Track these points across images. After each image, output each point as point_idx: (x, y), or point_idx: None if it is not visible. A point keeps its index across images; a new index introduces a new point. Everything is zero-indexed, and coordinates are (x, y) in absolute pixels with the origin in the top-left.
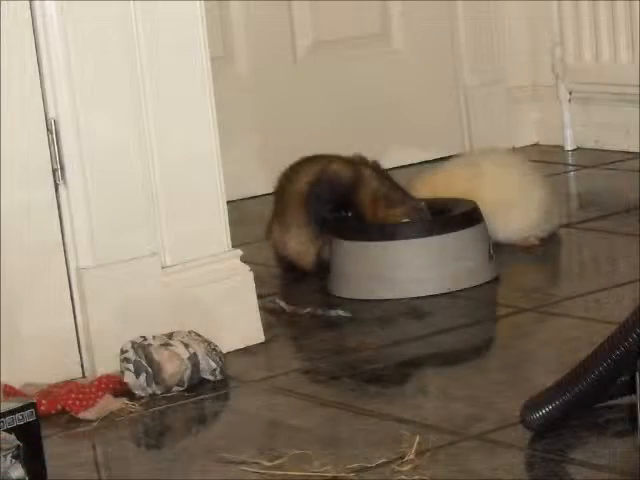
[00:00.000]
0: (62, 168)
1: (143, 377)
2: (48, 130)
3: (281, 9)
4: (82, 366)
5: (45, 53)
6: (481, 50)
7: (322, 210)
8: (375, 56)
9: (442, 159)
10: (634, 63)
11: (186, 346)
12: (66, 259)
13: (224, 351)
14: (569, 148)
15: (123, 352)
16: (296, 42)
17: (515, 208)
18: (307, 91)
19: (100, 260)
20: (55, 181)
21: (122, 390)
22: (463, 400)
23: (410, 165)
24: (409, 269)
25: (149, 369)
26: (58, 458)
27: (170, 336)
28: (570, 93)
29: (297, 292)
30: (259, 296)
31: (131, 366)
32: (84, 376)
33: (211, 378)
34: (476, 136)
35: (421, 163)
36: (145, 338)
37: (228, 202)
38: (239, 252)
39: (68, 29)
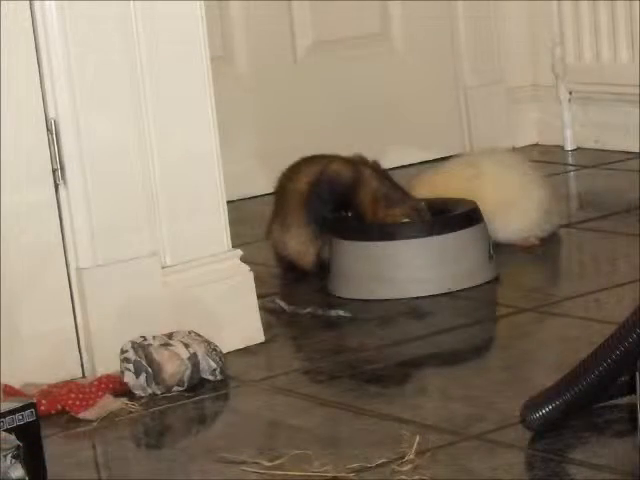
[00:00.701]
0: (62, 168)
1: (143, 377)
2: (48, 130)
3: (281, 9)
4: (82, 366)
5: (45, 53)
6: (481, 50)
7: (322, 210)
8: (375, 56)
9: (442, 159)
10: (634, 63)
11: (186, 346)
12: (66, 259)
13: (224, 351)
14: (569, 148)
15: (123, 352)
16: (296, 42)
17: (515, 208)
18: (307, 91)
19: (100, 260)
20: (55, 181)
21: (122, 390)
22: (463, 400)
23: (410, 165)
24: (409, 269)
25: (149, 369)
26: (58, 458)
27: (170, 336)
28: (570, 93)
29: (297, 292)
30: (259, 296)
31: (131, 366)
32: (84, 376)
33: (211, 378)
34: (476, 136)
35: (421, 163)
36: (145, 338)
37: (228, 202)
38: (239, 252)
39: (68, 29)
